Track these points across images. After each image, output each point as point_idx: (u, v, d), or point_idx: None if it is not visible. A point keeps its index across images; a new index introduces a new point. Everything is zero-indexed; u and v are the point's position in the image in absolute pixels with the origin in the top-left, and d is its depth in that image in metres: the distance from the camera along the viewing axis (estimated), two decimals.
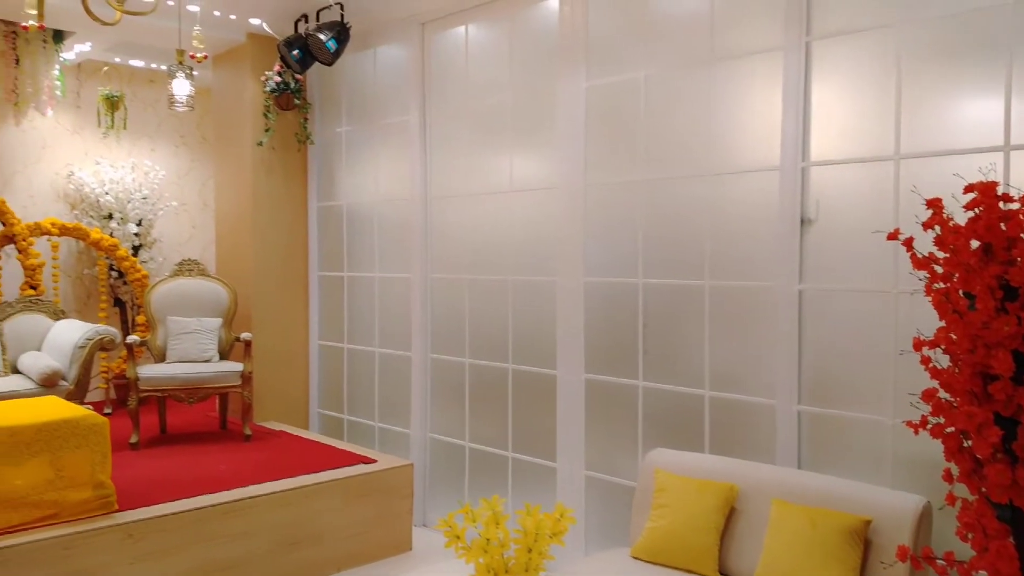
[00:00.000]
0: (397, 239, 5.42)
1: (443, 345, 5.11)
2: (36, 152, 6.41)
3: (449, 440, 5.07)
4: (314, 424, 6.12)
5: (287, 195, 6.01)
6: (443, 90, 5.08)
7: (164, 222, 6.97)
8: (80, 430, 3.63)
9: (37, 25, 4.90)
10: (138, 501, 3.81)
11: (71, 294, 6.58)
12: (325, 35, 5.02)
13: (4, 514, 3.40)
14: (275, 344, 5.91)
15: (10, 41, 5.52)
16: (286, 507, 4.05)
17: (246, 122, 5.82)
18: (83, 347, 4.74)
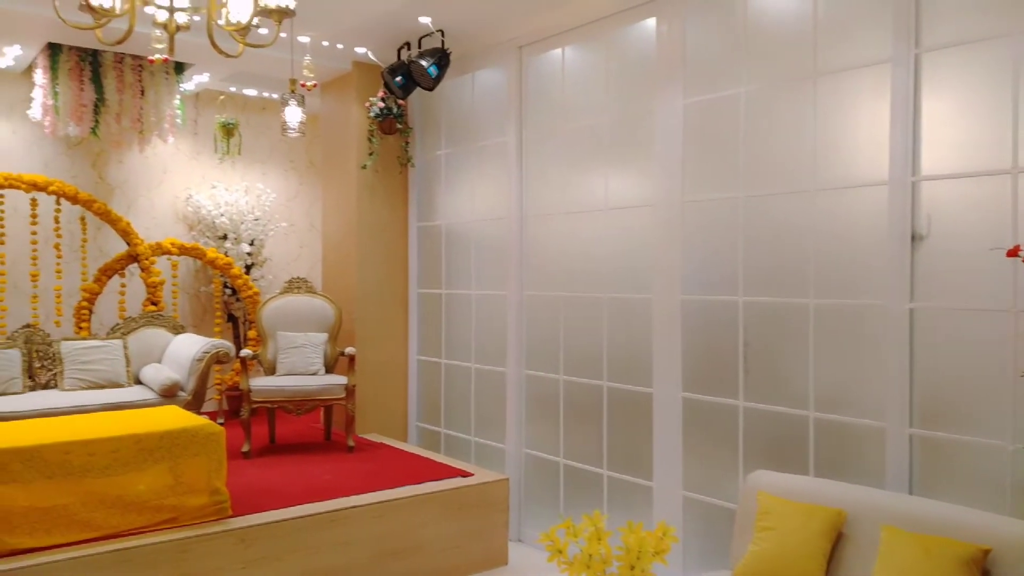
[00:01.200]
0: (493, 257, 5.52)
1: (538, 362, 5.16)
2: (158, 177, 6.86)
3: (544, 456, 5.10)
4: (412, 437, 6.26)
5: (389, 216, 6.21)
6: (539, 111, 5.16)
7: (274, 242, 7.32)
8: (198, 439, 3.84)
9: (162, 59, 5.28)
10: (250, 508, 3.99)
11: (188, 310, 6.98)
12: (426, 61, 5.19)
13: (128, 516, 3.62)
14: (376, 359, 6.10)
15: (137, 74, 5.94)
16: (387, 518, 4.16)
17: (351, 146, 6.07)
18: (200, 360, 5.03)
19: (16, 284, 5.99)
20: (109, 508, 3.56)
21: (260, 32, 3.70)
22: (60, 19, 2.65)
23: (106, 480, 3.58)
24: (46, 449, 3.46)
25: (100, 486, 3.56)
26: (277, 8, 2.70)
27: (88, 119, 5.75)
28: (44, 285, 6.06)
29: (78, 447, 3.53)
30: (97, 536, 3.50)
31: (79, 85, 5.69)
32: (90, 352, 5.10)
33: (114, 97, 5.81)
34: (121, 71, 5.85)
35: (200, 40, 3.54)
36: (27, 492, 3.40)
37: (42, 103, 5.69)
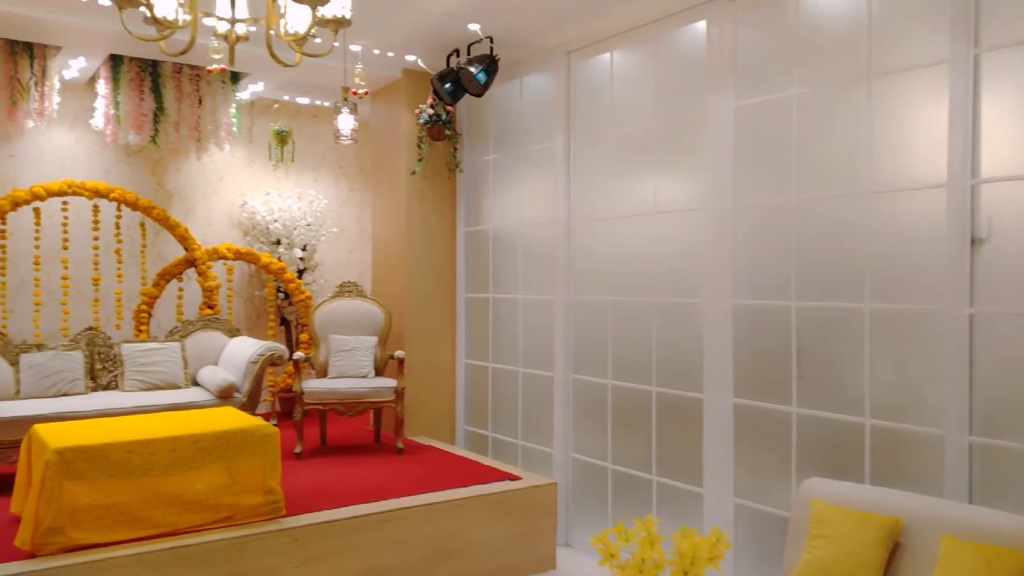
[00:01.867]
0: (540, 262, 5.54)
1: (585, 366, 5.16)
2: (214, 184, 7.04)
3: (591, 461, 5.09)
4: (460, 440, 6.31)
5: (437, 221, 6.28)
6: (587, 116, 5.17)
7: (325, 247, 7.44)
8: (254, 439, 3.93)
9: (220, 69, 5.42)
10: (303, 507, 4.07)
11: (243, 313, 7.14)
12: (475, 68, 5.24)
13: (186, 515, 3.71)
14: (425, 362, 6.17)
15: (194, 84, 6.12)
16: (436, 519, 4.20)
17: (401, 153, 6.15)
18: (255, 362, 5.14)
19: (79, 288, 6.20)
20: (168, 506, 3.66)
21: (315, 42, 3.78)
22: (127, 31, 2.75)
23: (166, 479, 3.68)
24: (109, 448, 3.58)
25: (160, 485, 3.66)
26: (334, 18, 2.76)
27: (148, 128, 5.93)
28: (105, 289, 6.27)
29: (139, 446, 3.64)
30: (156, 533, 3.60)
31: (139, 95, 5.88)
32: (150, 354, 5.25)
33: (173, 106, 5.99)
34: (179, 81, 6.03)
35: (256, 50, 3.65)
36: (91, 489, 3.51)
37: (104, 112, 5.88)
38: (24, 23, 4.96)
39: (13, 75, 5.43)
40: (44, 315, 6.01)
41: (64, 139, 6.37)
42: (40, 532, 3.38)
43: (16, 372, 4.86)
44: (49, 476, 3.42)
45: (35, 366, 4.88)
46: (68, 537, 3.42)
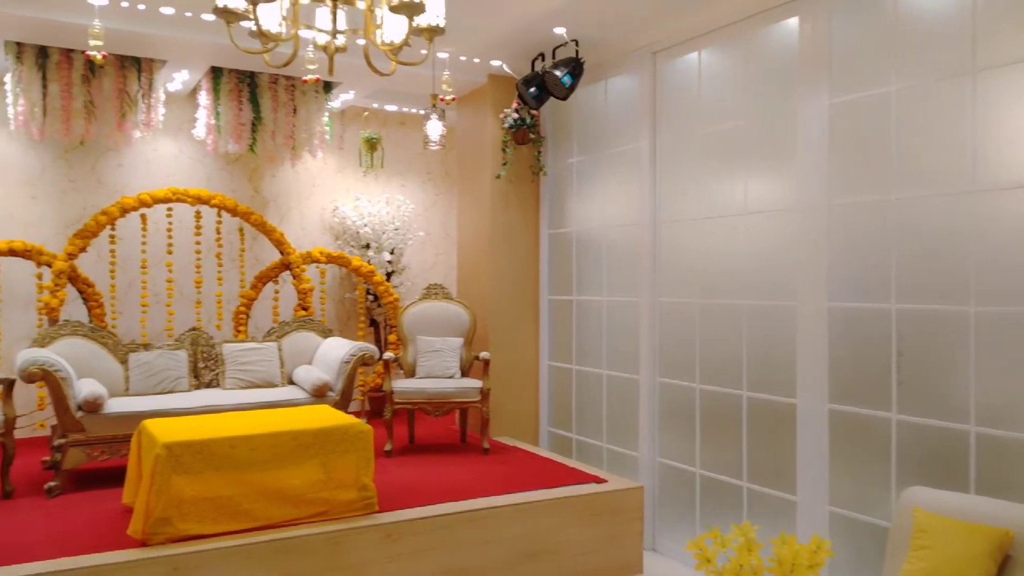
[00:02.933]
0: (625, 264, 5.51)
1: (672, 369, 5.10)
2: (308, 190, 7.28)
3: (679, 466, 5.03)
4: (544, 441, 6.33)
5: (521, 224, 6.33)
6: (674, 116, 5.12)
7: (412, 250, 7.60)
8: (348, 436, 4.05)
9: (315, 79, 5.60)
10: (394, 504, 4.17)
11: (334, 315, 7.36)
12: (560, 71, 5.27)
13: (285, 508, 3.86)
14: (509, 363, 6.22)
15: (289, 94, 6.34)
16: (523, 519, 4.24)
17: (486, 157, 6.23)
18: (348, 362, 5.29)
19: (182, 290, 6.52)
20: (268, 500, 3.81)
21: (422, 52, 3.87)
22: (234, 44, 2.88)
23: (266, 473, 3.83)
24: (214, 443, 3.74)
25: (260, 479, 3.81)
26: (428, 27, 2.83)
27: (246, 137, 6.19)
28: (207, 291, 6.56)
29: (242, 442, 3.80)
30: (257, 526, 3.75)
31: (238, 105, 6.13)
32: (248, 354, 5.47)
33: (269, 116, 6.23)
34: (276, 91, 6.27)
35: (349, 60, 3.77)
36: (196, 482, 3.68)
37: (205, 123, 6.16)
38: (133, 39, 5.24)
39: (122, 88, 5.75)
40: (150, 316, 6.34)
41: (168, 148, 6.71)
42: (150, 522, 3.57)
43: (125, 370, 5.13)
44: (158, 469, 3.60)
45: (142, 365, 5.15)
46: (176, 527, 3.60)
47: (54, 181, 6.32)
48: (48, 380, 4.45)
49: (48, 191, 6.29)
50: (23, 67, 5.43)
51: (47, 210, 6.28)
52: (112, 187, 6.47)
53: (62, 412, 4.52)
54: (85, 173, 6.42)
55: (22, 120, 5.49)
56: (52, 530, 3.77)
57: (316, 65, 4.93)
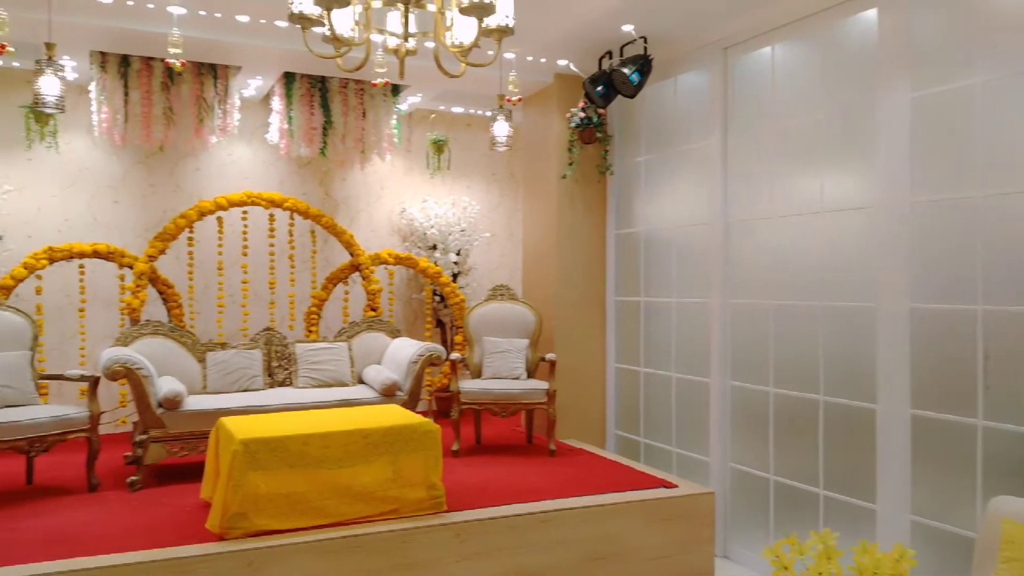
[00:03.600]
0: (695, 264, 5.42)
1: (744, 372, 4.99)
2: (376, 192, 7.39)
3: (751, 471, 4.92)
4: (610, 444, 6.27)
5: (587, 224, 6.29)
6: (746, 113, 5.01)
7: (478, 251, 7.64)
8: (417, 435, 4.08)
9: (384, 82, 5.68)
10: (462, 504, 4.18)
11: (402, 315, 7.45)
12: (629, 69, 5.21)
13: (356, 505, 3.90)
14: (575, 365, 6.19)
15: (359, 97, 6.45)
16: (593, 522, 4.20)
17: (551, 157, 6.21)
18: (416, 362, 5.34)
19: (257, 291, 6.69)
20: (339, 497, 3.86)
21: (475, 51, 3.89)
22: (309, 50, 2.93)
23: (338, 471, 3.88)
24: (289, 440, 3.82)
25: (332, 476, 3.86)
26: (498, 27, 2.83)
27: (317, 141, 6.32)
28: (279, 292, 6.72)
29: (315, 439, 3.87)
30: (329, 522, 3.81)
31: (310, 110, 6.26)
32: (320, 353, 5.57)
33: (339, 120, 6.35)
34: (346, 95, 6.38)
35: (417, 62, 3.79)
36: (271, 479, 3.75)
37: (278, 127, 6.31)
38: (209, 46, 5.40)
39: (199, 95, 5.93)
40: (226, 316, 6.52)
41: (243, 153, 6.89)
42: (227, 517, 3.66)
43: (203, 369, 5.29)
44: (236, 465, 3.69)
45: (219, 363, 5.30)
46: (252, 522, 3.68)
47: (135, 185, 6.56)
48: (130, 378, 4.62)
49: (130, 195, 6.54)
50: (106, 75, 5.66)
51: (129, 214, 6.53)
52: (190, 191, 6.68)
53: (143, 409, 4.68)
54: (164, 177, 6.65)
55: (105, 127, 5.71)
56: (134, 523, 3.91)
57: (385, 69, 5.01)
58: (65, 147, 6.30)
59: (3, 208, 5.95)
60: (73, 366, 5.99)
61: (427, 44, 4.71)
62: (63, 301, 6.24)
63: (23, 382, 4.58)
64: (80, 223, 6.37)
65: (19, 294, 5.87)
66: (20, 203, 6.18)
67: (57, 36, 4.58)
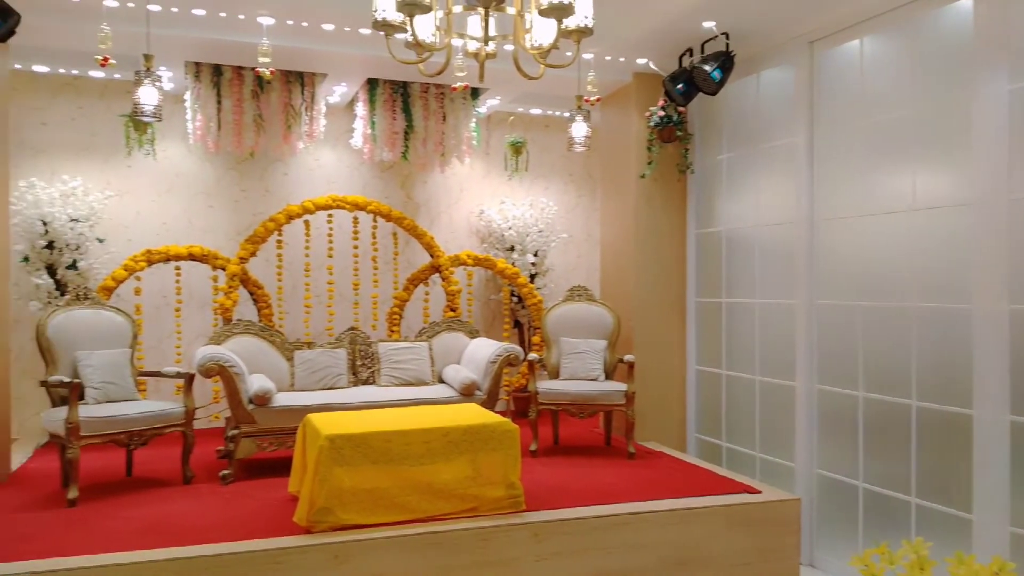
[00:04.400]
0: (779, 264, 5.28)
1: (832, 376, 4.84)
2: (455, 195, 7.49)
3: (839, 478, 4.76)
4: (691, 448, 6.18)
5: (666, 224, 6.21)
6: (832, 108, 4.87)
7: (555, 252, 7.65)
8: (496, 434, 4.11)
9: (463, 86, 5.76)
10: (540, 504, 4.19)
11: (480, 315, 7.52)
12: (710, 66, 5.13)
13: (437, 502, 3.97)
14: (654, 367, 6.12)
15: (439, 102, 6.55)
16: (673, 526, 4.15)
17: (630, 156, 6.16)
18: (494, 362, 5.39)
19: (341, 292, 6.87)
20: (421, 494, 3.93)
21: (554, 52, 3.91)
22: (392, 56, 3.00)
23: (419, 468, 3.95)
24: (372, 437, 3.91)
25: (413, 473, 3.94)
26: (577, 28, 2.83)
27: (399, 145, 6.45)
28: (363, 293, 6.89)
29: (397, 437, 3.95)
30: (410, 519, 3.88)
31: (392, 115, 6.40)
32: (401, 352, 5.68)
33: (421, 124, 6.47)
34: (427, 100, 6.49)
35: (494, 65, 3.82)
36: (355, 474, 3.85)
37: (362, 132, 6.47)
38: (297, 55, 5.58)
39: (287, 102, 6.14)
40: (312, 316, 6.72)
41: (328, 158, 7.09)
42: (314, 511, 3.77)
43: (291, 367, 5.47)
44: (322, 460, 3.80)
45: (306, 362, 5.46)
46: (337, 517, 3.78)
47: (228, 190, 6.83)
48: (223, 375, 4.81)
49: (222, 200, 6.82)
50: (200, 85, 5.91)
51: (221, 217, 6.80)
52: (278, 195, 6.92)
53: (235, 405, 4.87)
54: (254, 182, 6.90)
55: (199, 134, 5.98)
56: (226, 515, 4.07)
57: (465, 72, 5.07)
58: (162, 154, 6.61)
59: (105, 213, 6.28)
60: (170, 363, 6.29)
61: (506, 47, 4.75)
62: (160, 301, 6.55)
63: (124, 378, 4.82)
64: (176, 227, 6.68)
65: (120, 294, 6.19)
66: (121, 208, 6.52)
67: (154, 48, 4.81)
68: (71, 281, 5.94)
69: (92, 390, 4.63)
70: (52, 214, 5.85)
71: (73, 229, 5.93)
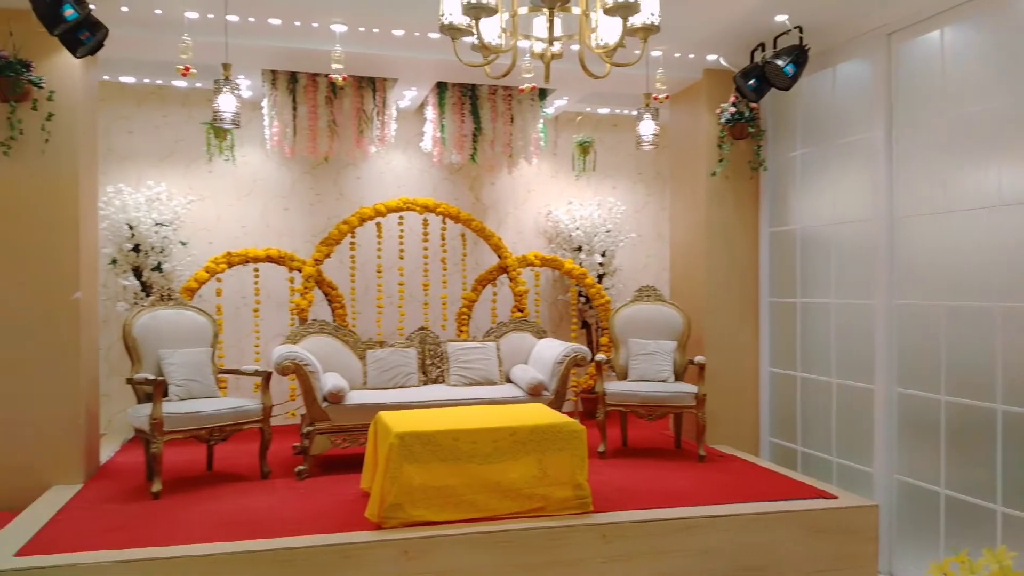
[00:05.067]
0: (856, 263, 5.12)
1: (912, 379, 4.67)
2: (523, 196, 7.52)
3: (920, 484, 4.59)
4: (765, 452, 6.05)
5: (738, 222, 6.10)
6: (912, 101, 4.70)
7: (623, 252, 7.60)
8: (563, 435, 4.11)
9: (531, 87, 5.78)
10: (608, 505, 4.17)
11: (548, 316, 7.53)
12: (782, 61, 5.02)
13: (504, 501, 3.99)
14: (725, 368, 6.01)
15: (507, 103, 6.59)
16: (743, 531, 4.08)
17: (700, 154, 6.07)
18: (561, 363, 5.39)
19: (412, 293, 6.98)
20: (489, 492, 3.96)
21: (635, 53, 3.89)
22: (459, 60, 3.04)
23: (486, 467, 3.98)
24: (440, 435, 3.96)
25: (481, 472, 3.97)
26: (643, 26, 2.81)
27: (468, 147, 6.52)
28: (433, 293, 6.98)
29: (465, 435, 3.99)
30: (478, 517, 3.92)
31: (461, 118, 6.47)
32: (470, 352, 5.74)
33: (489, 126, 6.52)
34: (495, 102, 6.54)
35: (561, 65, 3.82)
36: (425, 471, 3.91)
37: (432, 136, 6.56)
38: (369, 60, 5.70)
39: (359, 107, 6.27)
40: (384, 316, 6.85)
41: (399, 161, 7.22)
42: (385, 507, 3.84)
43: (364, 366, 5.58)
44: (392, 457, 3.87)
45: (378, 361, 5.57)
46: (407, 513, 3.85)
47: (303, 194, 7.02)
48: (299, 374, 4.95)
49: (298, 203, 7.01)
50: (277, 92, 6.10)
51: (297, 220, 7.00)
52: (351, 198, 7.07)
53: (310, 403, 5.00)
54: (329, 186, 7.07)
55: (276, 140, 6.16)
56: (300, 509, 4.19)
57: (532, 74, 5.09)
58: (241, 160, 6.84)
59: (187, 217, 6.54)
60: (249, 362, 6.51)
61: (572, 47, 4.74)
62: (240, 302, 6.78)
63: (205, 376, 5.01)
64: (255, 229, 6.90)
65: (202, 295, 6.43)
66: (202, 212, 6.77)
67: (233, 57, 4.98)
68: (156, 283, 6.20)
69: (175, 387, 4.82)
70: (138, 218, 6.13)
71: (158, 233, 6.19)
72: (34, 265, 4.70)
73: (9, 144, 4.60)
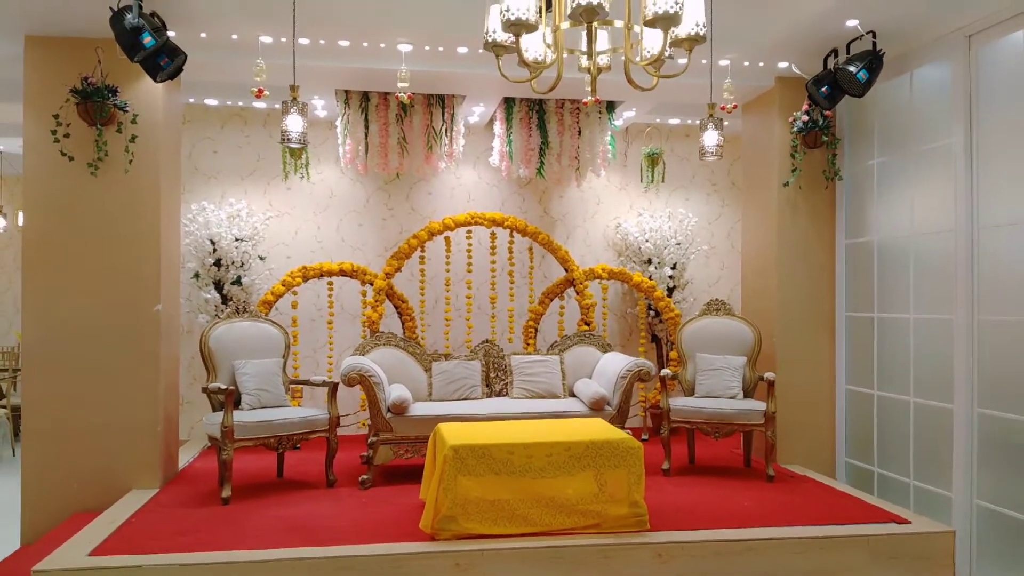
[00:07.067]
0: (936, 276, 4.88)
1: (995, 399, 4.40)
2: (592, 208, 7.49)
3: (1002, 511, 4.32)
4: (840, 473, 5.80)
5: (813, 234, 5.90)
6: (995, 106, 4.45)
7: (695, 265, 7.46)
8: (619, 451, 4.05)
9: (594, 100, 5.76)
10: (667, 524, 4.09)
11: (616, 330, 7.45)
12: (855, 67, 4.85)
13: (559, 516, 3.96)
14: (798, 385, 5.81)
15: (574, 117, 6.59)
16: (808, 555, 3.92)
17: (773, 164, 5.91)
18: (624, 377, 5.32)
19: (480, 305, 7.04)
20: (543, 507, 3.94)
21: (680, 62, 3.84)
22: (502, 75, 3.07)
23: (541, 481, 3.97)
24: (494, 448, 3.97)
25: (535, 486, 3.96)
26: (688, 36, 2.77)
27: (535, 161, 6.55)
28: (500, 306, 7.02)
29: (519, 449, 3.99)
30: (532, 531, 3.90)
31: (528, 132, 6.51)
32: (534, 365, 5.74)
33: (555, 140, 6.53)
34: (561, 116, 6.55)
35: (619, 78, 3.80)
36: (479, 484, 3.92)
37: (499, 150, 6.62)
38: (438, 78, 5.80)
39: (428, 124, 6.39)
40: (452, 328, 6.93)
41: (468, 176, 7.31)
42: (438, 519, 3.87)
43: (429, 377, 5.66)
44: (446, 469, 3.90)
45: (443, 372, 5.64)
46: (460, 526, 3.87)
47: (376, 209, 7.19)
48: (364, 384, 5.05)
49: (371, 218, 7.19)
50: (350, 111, 6.28)
51: (371, 235, 7.17)
52: (422, 213, 7.20)
53: (375, 413, 5.10)
54: (400, 201, 7.23)
55: (349, 157, 6.34)
56: (362, 518, 4.27)
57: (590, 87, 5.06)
58: (317, 177, 7.07)
59: (266, 232, 6.80)
60: (323, 373, 6.69)
61: (622, 59, 4.71)
62: (315, 314, 6.99)
63: (276, 386, 5.18)
64: (330, 244, 7.11)
65: (279, 308, 6.66)
66: (280, 228, 7.03)
67: (306, 78, 5.16)
68: (236, 296, 6.46)
69: (247, 396, 5.00)
70: (219, 234, 6.41)
71: (238, 248, 6.46)
72: (118, 278, 4.97)
73: (96, 164, 4.89)
